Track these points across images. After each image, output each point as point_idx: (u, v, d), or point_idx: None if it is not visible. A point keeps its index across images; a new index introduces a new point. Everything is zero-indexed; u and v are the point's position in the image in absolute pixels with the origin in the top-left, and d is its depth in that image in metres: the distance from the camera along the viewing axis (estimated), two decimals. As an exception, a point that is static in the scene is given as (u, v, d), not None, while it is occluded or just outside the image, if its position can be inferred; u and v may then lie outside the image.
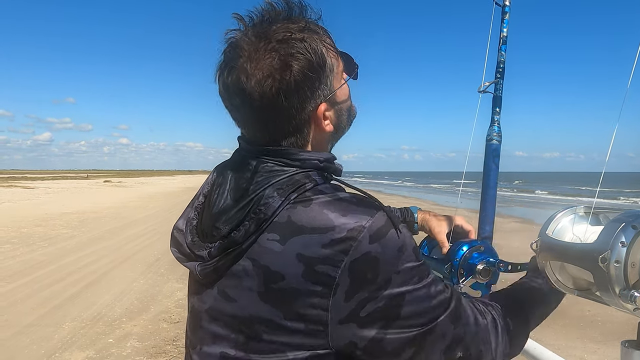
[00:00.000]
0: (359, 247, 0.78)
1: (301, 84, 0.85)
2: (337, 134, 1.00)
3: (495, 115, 1.42)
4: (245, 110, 0.89)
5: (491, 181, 1.43)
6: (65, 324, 5.61)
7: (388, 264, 0.80)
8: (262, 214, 0.82)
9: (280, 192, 0.84)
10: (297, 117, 0.88)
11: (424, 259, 1.41)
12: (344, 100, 0.97)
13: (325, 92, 0.90)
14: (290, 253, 0.79)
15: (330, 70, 0.90)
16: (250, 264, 0.83)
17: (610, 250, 0.74)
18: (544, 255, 0.88)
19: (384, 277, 0.79)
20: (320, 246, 0.78)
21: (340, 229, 0.78)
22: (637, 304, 0.73)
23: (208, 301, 0.91)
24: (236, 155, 0.98)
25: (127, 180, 64.60)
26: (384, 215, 0.81)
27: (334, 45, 0.93)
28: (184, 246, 0.94)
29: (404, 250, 0.81)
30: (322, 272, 0.78)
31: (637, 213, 0.79)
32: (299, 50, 0.84)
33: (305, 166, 0.89)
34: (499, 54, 1.41)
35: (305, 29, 0.87)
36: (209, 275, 0.88)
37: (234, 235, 0.84)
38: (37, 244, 10.92)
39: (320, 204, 0.82)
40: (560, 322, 5.52)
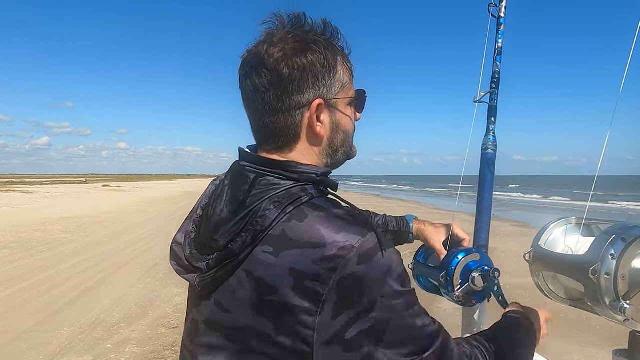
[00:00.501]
0: (347, 266, 0.78)
1: (307, 68, 0.91)
2: (331, 151, 1.00)
3: (490, 125, 1.44)
4: (252, 81, 0.93)
5: (487, 190, 1.45)
6: (63, 329, 5.60)
7: (373, 286, 0.80)
8: (259, 226, 0.84)
9: (277, 204, 0.85)
10: (292, 97, 0.92)
11: (420, 267, 1.42)
12: (345, 120, 0.99)
13: (327, 92, 0.94)
14: (282, 266, 0.81)
15: (339, 82, 0.96)
16: (245, 275, 0.84)
17: (600, 263, 0.76)
18: (537, 266, 0.90)
19: (369, 299, 0.79)
20: (311, 262, 0.79)
21: (331, 246, 0.79)
22: (627, 315, 0.75)
23: (205, 312, 0.92)
24: (235, 166, 0.99)
25: (126, 185, 64.50)
26: (374, 236, 0.82)
27: (352, 73, 1.00)
28: (182, 259, 0.95)
29: (390, 274, 0.81)
30: (311, 288, 0.79)
31: (627, 225, 0.80)
32: (319, 46, 0.92)
33: (303, 179, 0.90)
34: (494, 64, 1.43)
35: (332, 44, 0.96)
36: (207, 286, 0.89)
37: (231, 247, 0.85)
38: (36, 248, 10.90)
39: (314, 218, 0.83)
40: (557, 326, 5.53)
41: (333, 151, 1.00)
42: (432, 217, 12.03)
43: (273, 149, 0.96)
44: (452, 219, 1.42)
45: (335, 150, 1.00)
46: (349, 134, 1.02)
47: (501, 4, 1.41)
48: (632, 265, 0.78)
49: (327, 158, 1.00)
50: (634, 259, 0.78)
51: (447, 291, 1.26)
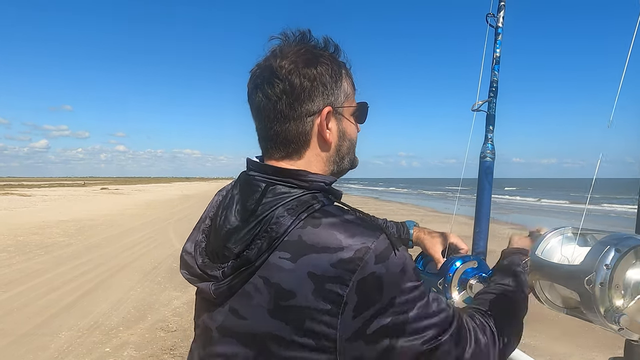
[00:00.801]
0: (365, 267, 0.82)
1: (316, 78, 0.96)
2: (337, 159, 1.04)
3: (488, 133, 1.45)
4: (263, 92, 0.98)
5: (485, 197, 1.47)
6: (61, 333, 5.59)
7: (392, 283, 0.84)
8: (274, 232, 0.87)
9: (290, 211, 0.88)
10: (303, 105, 0.96)
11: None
12: (350, 129, 1.05)
13: (333, 100, 0.99)
14: (301, 271, 0.83)
15: (344, 92, 1.02)
16: (262, 282, 0.87)
17: (595, 273, 0.77)
18: (534, 275, 0.91)
19: (388, 296, 0.84)
20: (330, 265, 0.83)
21: (348, 249, 0.83)
22: (621, 324, 0.76)
23: (219, 319, 0.94)
24: (243, 176, 1.02)
25: (124, 188, 64.44)
26: (385, 237, 0.86)
27: (354, 86, 1.07)
28: (194, 268, 0.98)
29: (405, 271, 0.86)
30: (331, 290, 0.82)
31: (621, 236, 0.82)
32: (325, 59, 0.99)
33: (312, 187, 0.93)
34: (492, 73, 1.45)
35: (336, 58, 1.02)
36: (223, 293, 0.91)
37: (247, 254, 0.88)
38: (34, 252, 10.89)
39: (328, 224, 0.87)
40: (557, 329, 5.54)
41: (340, 158, 1.04)
42: (431, 220, 12.10)
43: (282, 157, 0.99)
44: (451, 223, 1.44)
45: (342, 158, 1.05)
46: (353, 142, 1.07)
47: (499, 14, 1.43)
48: (626, 275, 0.80)
49: (334, 165, 1.04)
50: (628, 269, 0.80)
51: (445, 298, 1.27)
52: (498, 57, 1.44)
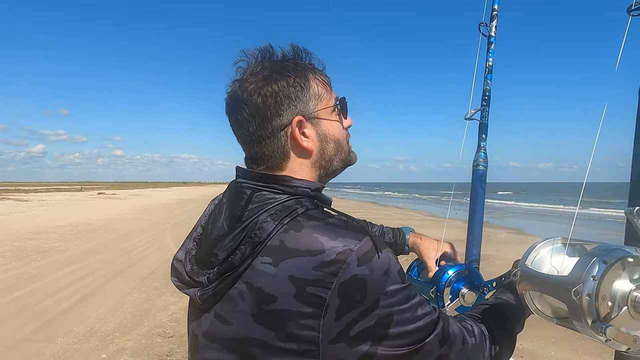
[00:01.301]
0: (347, 270, 0.82)
1: (277, 93, 0.97)
2: (323, 162, 1.04)
3: (481, 142, 1.46)
4: (235, 117, 1.00)
5: (478, 205, 1.47)
6: (57, 339, 5.57)
7: (375, 285, 0.84)
8: (257, 237, 0.88)
9: (274, 217, 0.89)
10: (272, 121, 0.97)
11: (411, 281, 1.44)
12: (331, 128, 1.04)
13: (304, 110, 0.99)
14: (282, 275, 0.84)
15: (315, 96, 1.00)
16: (245, 287, 0.87)
17: (582, 284, 0.78)
18: (524, 285, 0.92)
19: (371, 298, 0.84)
20: (311, 268, 0.83)
21: (329, 252, 0.83)
22: (608, 335, 0.77)
23: (205, 325, 0.95)
24: (232, 184, 1.03)
25: (122, 192, 64.30)
26: (369, 240, 0.86)
27: (328, 84, 1.05)
28: (183, 274, 0.99)
29: (389, 273, 0.86)
30: (313, 294, 0.82)
31: (608, 247, 0.83)
32: (287, 70, 0.99)
33: (297, 193, 0.94)
34: (485, 82, 1.46)
35: (300, 64, 1.01)
36: (208, 299, 0.92)
37: (231, 259, 0.89)
38: (30, 257, 10.85)
39: (311, 228, 0.87)
40: (553, 333, 5.55)
41: (326, 161, 1.04)
42: (428, 225, 12.06)
43: (266, 169, 1.00)
44: (445, 229, 1.45)
45: (329, 160, 1.05)
46: (340, 141, 1.06)
47: (491, 24, 1.44)
48: (613, 287, 0.81)
49: (321, 169, 1.05)
50: (615, 280, 0.81)
51: (438, 307, 1.28)
52: (491, 66, 1.45)
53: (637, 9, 0.94)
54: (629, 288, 0.80)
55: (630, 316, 0.80)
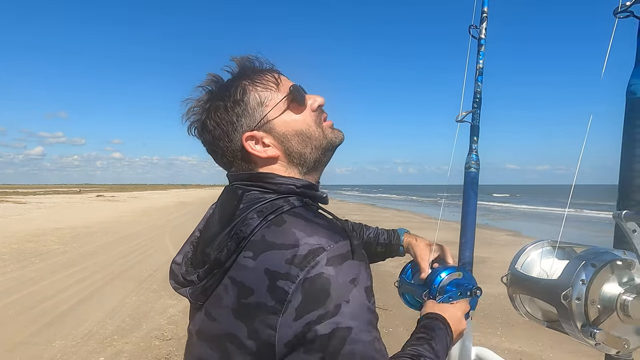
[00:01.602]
0: (315, 267, 0.80)
1: (219, 121, 0.99)
2: (295, 160, 1.01)
3: (473, 144, 1.46)
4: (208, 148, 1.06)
5: (470, 208, 1.47)
6: (55, 341, 5.56)
7: (339, 290, 0.80)
8: (242, 233, 0.88)
9: (259, 214, 0.90)
10: (231, 147, 1.00)
11: (405, 284, 1.44)
12: (286, 126, 1.00)
13: (249, 123, 0.99)
14: (259, 268, 0.84)
15: (258, 104, 0.99)
16: (230, 282, 0.88)
17: (571, 288, 0.78)
18: (514, 289, 0.92)
19: (333, 303, 0.79)
20: (284, 261, 0.82)
21: (303, 247, 0.82)
22: (597, 339, 0.77)
23: (197, 323, 0.96)
24: (226, 187, 1.06)
25: (120, 195, 64.25)
26: (347, 244, 0.84)
27: (273, 81, 1.01)
28: (179, 276, 1.00)
29: (356, 283, 0.82)
30: (280, 287, 0.81)
31: (597, 251, 0.82)
32: (222, 93, 1.01)
33: (282, 191, 0.95)
34: (476, 84, 1.46)
35: (235, 79, 1.02)
36: (199, 297, 0.93)
37: (219, 256, 0.89)
38: (28, 259, 10.83)
39: (291, 223, 0.88)
40: (551, 335, 5.53)
41: (298, 158, 1.01)
42: (426, 227, 12.04)
43: None
44: (438, 231, 1.45)
45: (299, 156, 1.01)
46: (303, 132, 1.01)
47: (481, 26, 1.44)
48: (602, 290, 0.80)
49: (298, 167, 1.02)
50: (604, 284, 0.80)
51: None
52: (481, 68, 1.45)
53: (623, 11, 0.94)
54: (617, 291, 0.80)
55: (619, 320, 0.80)
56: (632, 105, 0.95)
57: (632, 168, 0.93)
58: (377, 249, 1.54)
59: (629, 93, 0.96)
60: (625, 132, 0.96)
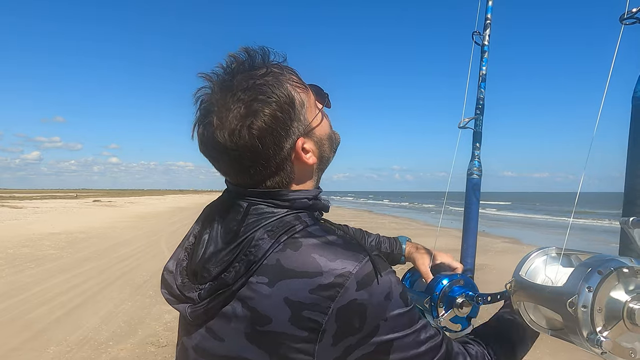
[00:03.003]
0: (345, 294, 0.79)
1: (273, 126, 0.86)
2: (322, 165, 1.00)
3: (475, 151, 1.46)
4: (225, 161, 0.91)
5: (472, 214, 1.46)
6: (50, 348, 5.51)
7: (375, 311, 0.80)
8: (252, 256, 0.83)
9: (270, 234, 0.85)
10: (276, 158, 0.89)
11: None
12: (322, 130, 0.97)
13: (300, 127, 0.91)
14: (278, 297, 0.81)
15: (302, 106, 0.91)
16: (240, 305, 0.84)
17: (577, 295, 0.77)
18: (518, 296, 0.91)
19: (371, 325, 0.80)
20: (308, 291, 0.79)
21: (327, 274, 0.79)
22: (604, 348, 0.76)
23: (196, 338, 0.92)
24: (226, 195, 0.99)
25: (117, 200, 64.04)
26: (369, 261, 0.82)
27: (301, 80, 0.94)
28: (173, 287, 0.95)
29: (391, 297, 0.82)
30: (309, 318, 0.79)
31: (603, 258, 0.81)
32: (265, 95, 0.86)
33: (295, 206, 0.90)
34: (479, 90, 1.46)
35: (267, 74, 0.88)
36: (199, 316, 0.89)
37: (225, 277, 0.85)
38: (24, 264, 10.76)
39: (309, 247, 0.83)
40: (550, 344, 5.52)
41: (326, 162, 1.01)
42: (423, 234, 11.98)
43: None
44: (438, 238, 1.44)
45: (327, 160, 1.01)
46: (330, 135, 1.00)
47: (485, 32, 1.44)
48: (608, 298, 0.79)
49: (320, 172, 1.01)
50: (610, 291, 0.80)
51: (432, 317, 1.26)
52: (484, 75, 1.44)
53: (630, 17, 0.93)
54: (624, 299, 0.79)
55: (626, 328, 0.79)
56: (638, 112, 0.94)
57: (638, 175, 0.92)
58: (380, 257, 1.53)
59: (635, 99, 0.95)
60: (631, 139, 0.96)
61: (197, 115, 0.92)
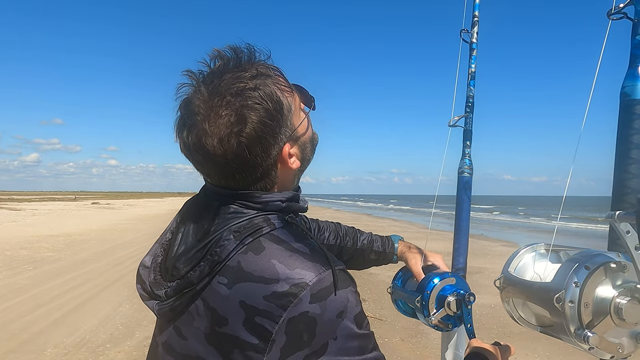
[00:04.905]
0: (298, 305, 0.77)
1: (262, 134, 0.85)
2: (303, 167, 0.99)
3: (466, 149, 1.45)
4: (209, 166, 0.89)
5: (464, 213, 1.46)
6: (47, 350, 5.49)
7: (325, 327, 0.77)
8: (217, 256, 0.83)
9: (236, 235, 0.84)
10: (263, 164, 0.88)
11: (398, 290, 1.42)
12: (306, 133, 0.96)
13: (287, 133, 0.89)
14: (234, 299, 0.80)
15: (289, 111, 0.90)
16: (202, 304, 0.84)
17: (564, 291, 0.77)
18: (507, 293, 0.91)
19: (319, 342, 0.77)
20: (262, 297, 0.78)
21: (283, 282, 0.78)
22: (591, 343, 0.75)
23: (165, 335, 0.93)
24: (202, 193, 0.98)
25: (116, 202, 64.02)
26: (330, 274, 0.80)
27: (288, 82, 0.92)
28: (146, 284, 0.95)
29: (344, 316, 0.78)
30: (260, 325, 0.78)
31: (591, 253, 0.81)
32: (254, 101, 0.84)
33: (267, 209, 0.89)
34: (468, 88, 1.45)
35: (257, 76, 0.86)
36: (166, 314, 0.89)
37: (190, 276, 0.85)
38: (21, 267, 10.74)
39: (271, 251, 0.82)
40: (546, 348, 5.51)
41: (307, 164, 1.00)
42: (422, 237, 11.97)
43: None
44: (432, 239, 1.43)
45: (308, 161, 1.00)
46: (312, 136, 0.99)
47: (473, 30, 1.44)
48: (596, 293, 0.79)
49: (301, 173, 1.00)
50: (597, 286, 0.79)
51: (424, 316, 1.26)
52: (473, 73, 1.44)
53: (617, 12, 0.93)
54: (611, 294, 0.79)
55: (613, 323, 0.79)
56: (626, 107, 0.94)
57: (626, 170, 0.92)
58: (370, 256, 1.52)
59: (623, 95, 0.95)
60: (619, 135, 0.96)
61: (180, 114, 0.89)
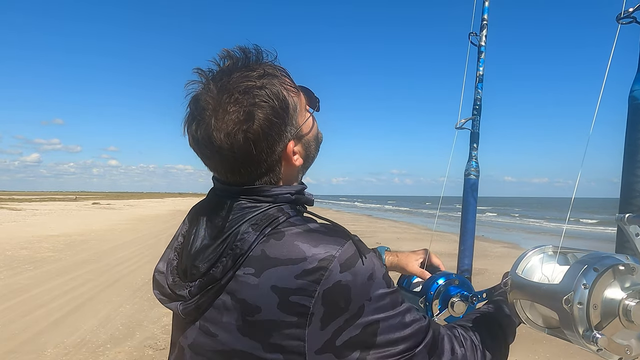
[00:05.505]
0: (330, 276, 0.81)
1: (268, 131, 0.89)
2: (307, 164, 1.03)
3: (472, 151, 1.46)
4: (216, 160, 0.93)
5: (470, 215, 1.47)
6: (47, 350, 5.50)
7: (359, 291, 0.82)
8: (239, 249, 0.85)
9: (255, 227, 0.87)
10: (268, 160, 0.91)
11: (402, 291, 1.43)
12: (310, 132, 1.00)
13: (292, 131, 0.93)
14: (265, 285, 0.82)
15: (294, 110, 0.94)
16: (229, 298, 0.86)
17: (573, 292, 0.77)
18: (514, 294, 0.91)
19: (356, 305, 0.82)
20: (294, 277, 0.81)
21: (311, 259, 0.82)
22: (599, 345, 0.76)
23: (191, 336, 0.93)
24: (211, 194, 1.00)
25: (116, 203, 64.02)
26: (352, 244, 0.85)
27: (294, 83, 0.96)
28: (165, 288, 0.96)
29: (374, 278, 0.84)
30: (297, 303, 0.81)
31: (599, 255, 0.82)
32: (261, 99, 0.88)
33: (278, 201, 0.92)
34: (476, 91, 1.46)
35: (264, 75, 0.90)
36: (191, 313, 0.90)
37: (213, 272, 0.87)
38: (22, 267, 10.75)
39: (292, 235, 0.85)
40: (548, 349, 5.51)
41: (311, 161, 1.03)
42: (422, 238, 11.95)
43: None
44: (434, 240, 1.44)
45: (313, 159, 1.04)
46: (317, 135, 1.03)
47: (481, 33, 1.44)
48: (604, 295, 0.80)
49: (305, 169, 1.04)
50: (606, 288, 0.80)
51: (427, 315, 1.26)
52: (481, 75, 1.45)
53: (626, 17, 0.94)
54: (620, 296, 0.79)
55: (622, 325, 0.79)
56: (635, 111, 0.95)
57: (634, 173, 0.93)
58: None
59: (632, 99, 0.96)
60: (627, 138, 0.96)
61: (190, 110, 0.93)
